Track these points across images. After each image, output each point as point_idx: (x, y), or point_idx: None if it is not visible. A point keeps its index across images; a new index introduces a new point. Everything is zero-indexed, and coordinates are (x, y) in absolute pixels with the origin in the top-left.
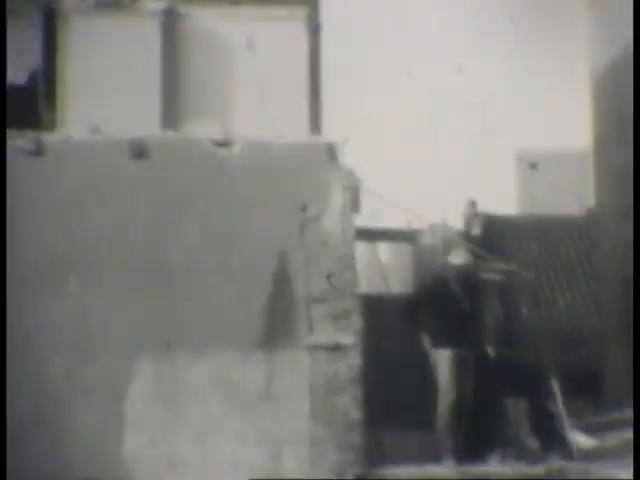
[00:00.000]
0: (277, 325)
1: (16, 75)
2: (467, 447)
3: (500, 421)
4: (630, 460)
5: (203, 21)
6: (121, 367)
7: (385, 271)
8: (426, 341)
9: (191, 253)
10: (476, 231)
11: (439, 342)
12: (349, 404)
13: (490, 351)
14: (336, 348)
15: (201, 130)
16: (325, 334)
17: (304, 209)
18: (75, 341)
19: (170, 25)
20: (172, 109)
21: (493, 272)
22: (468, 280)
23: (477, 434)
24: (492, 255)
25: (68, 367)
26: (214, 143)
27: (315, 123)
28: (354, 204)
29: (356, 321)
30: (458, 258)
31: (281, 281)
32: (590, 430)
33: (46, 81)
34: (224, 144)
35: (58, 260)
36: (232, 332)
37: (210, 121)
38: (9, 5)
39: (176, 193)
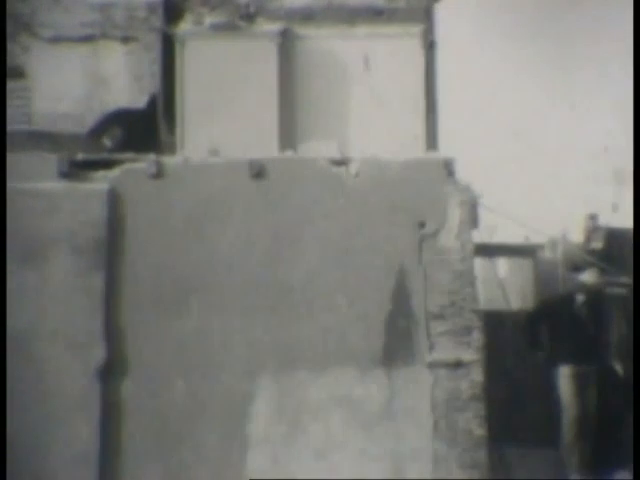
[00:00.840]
0: (397, 342)
1: (136, 99)
2: (593, 463)
3: (627, 437)
4: None
5: (319, 41)
6: (243, 386)
7: (504, 287)
8: (547, 357)
9: (310, 272)
10: (597, 245)
11: (560, 358)
12: (472, 421)
13: (617, 367)
14: (457, 365)
15: (318, 149)
16: (446, 351)
17: (422, 226)
18: (197, 362)
19: (286, 46)
20: (289, 129)
21: (617, 286)
22: (593, 295)
23: (604, 450)
24: (615, 269)
25: (190, 387)
26: (331, 162)
27: (431, 139)
28: (472, 220)
29: (477, 337)
30: (588, 276)
31: (400, 298)
32: None
33: (165, 104)
34: (341, 163)
35: (180, 281)
36: (352, 350)
37: (327, 140)
38: (128, 32)
39: (294, 212)
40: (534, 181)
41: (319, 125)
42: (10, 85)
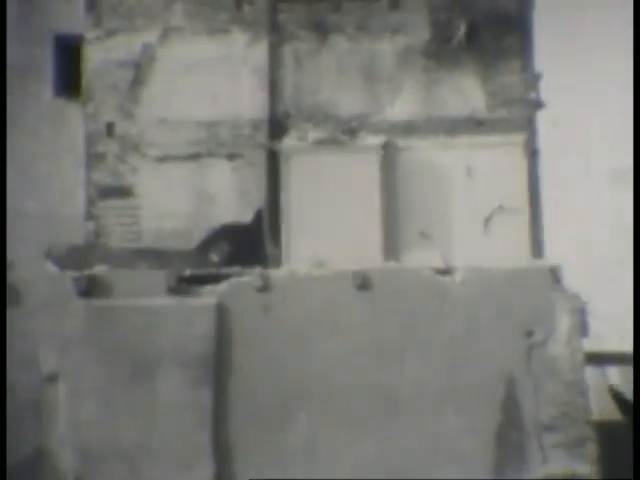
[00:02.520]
0: (507, 455)
1: (242, 214)
2: None
3: None
4: None
5: (420, 152)
6: None
7: (617, 396)
8: None
9: (416, 381)
10: None
11: None
12: None
13: None
14: (572, 478)
15: (422, 258)
16: (559, 464)
17: (530, 334)
18: (305, 475)
19: (388, 157)
20: (392, 239)
21: None
22: None
23: None
24: None
25: None
26: (436, 272)
27: (536, 246)
28: (581, 327)
29: (592, 449)
30: None
31: (510, 408)
32: None
33: (270, 218)
34: (445, 272)
35: (286, 394)
36: (461, 462)
37: (431, 249)
38: (234, 149)
39: (399, 322)
40: None
41: (423, 234)
42: (120, 204)
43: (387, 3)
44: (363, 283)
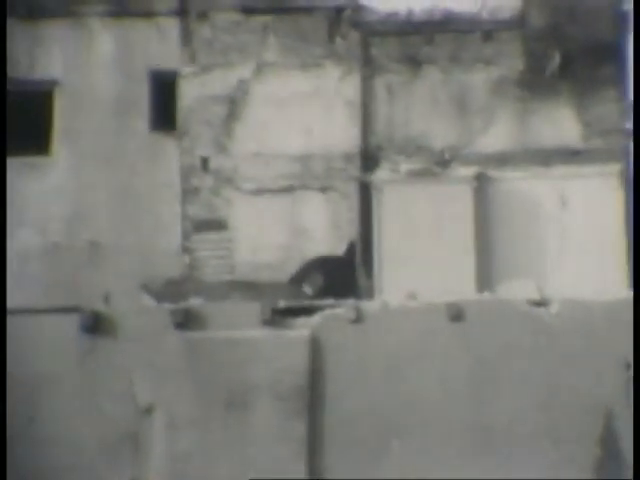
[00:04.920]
0: None
1: (335, 247)
2: None
3: None
4: None
5: (514, 183)
6: None
7: None
8: None
9: (512, 414)
10: None
11: None
12: None
13: None
14: None
15: (516, 290)
16: None
17: (628, 367)
18: None
19: (481, 189)
20: (486, 270)
21: None
22: None
23: None
24: None
25: None
26: (531, 303)
27: (634, 277)
28: None
29: None
30: None
31: (608, 442)
32: None
33: (363, 250)
34: (541, 304)
35: (380, 425)
36: None
37: (525, 280)
38: (326, 182)
39: (494, 354)
40: None
41: (516, 265)
42: (214, 237)
43: (480, 35)
44: (457, 315)
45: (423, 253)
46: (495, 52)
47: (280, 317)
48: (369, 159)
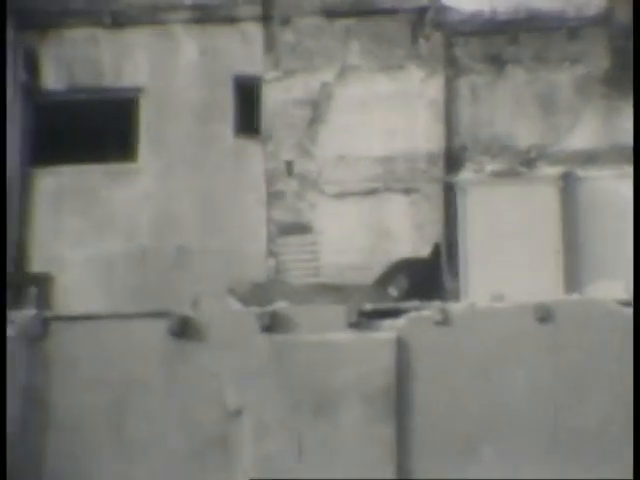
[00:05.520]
0: None
1: (419, 248)
2: None
3: None
4: None
5: (601, 182)
6: None
7: None
8: None
9: (602, 417)
10: None
11: None
12: None
13: None
14: None
15: (605, 290)
16: None
17: None
18: None
19: (568, 188)
20: (574, 270)
21: None
22: None
23: None
24: None
25: None
26: (620, 303)
27: None
28: None
29: None
30: None
31: None
32: None
33: (447, 252)
34: (631, 304)
35: (468, 428)
36: None
37: (614, 280)
38: (410, 183)
39: (583, 355)
40: None
41: (604, 265)
42: (299, 240)
43: (565, 33)
44: (545, 316)
45: (509, 254)
46: (581, 50)
47: (366, 320)
48: (453, 160)
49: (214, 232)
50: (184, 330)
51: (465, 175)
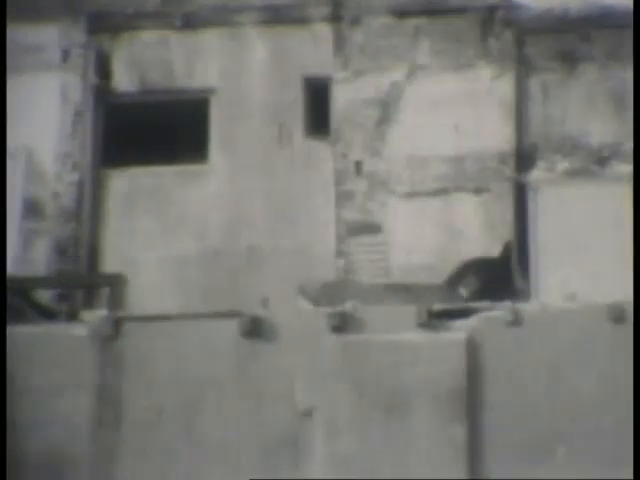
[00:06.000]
0: None
1: (489, 248)
2: None
3: None
4: None
5: None
6: None
7: None
8: None
9: None
10: None
11: None
12: None
13: None
14: None
15: None
16: None
17: None
18: None
19: None
20: None
21: None
22: None
23: None
24: None
25: None
26: None
27: None
28: None
29: None
30: None
31: None
32: None
33: (518, 251)
34: None
35: (541, 429)
36: None
37: None
38: (480, 183)
39: None
40: None
41: None
42: (369, 240)
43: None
44: (619, 316)
45: (581, 253)
46: None
47: (436, 320)
48: (524, 159)
49: (284, 232)
50: (255, 330)
51: (536, 174)
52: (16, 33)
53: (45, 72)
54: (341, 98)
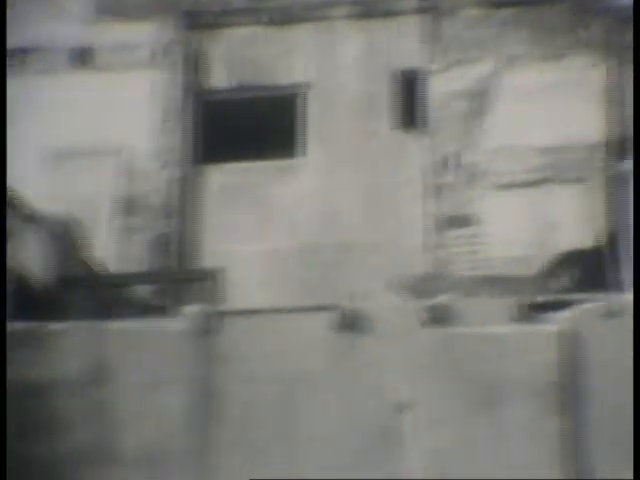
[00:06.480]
0: None
1: (584, 240)
2: None
3: None
4: None
5: None
6: None
7: None
8: None
9: None
10: None
11: None
12: None
13: None
14: None
15: None
16: None
17: None
18: None
19: None
20: None
21: None
22: None
23: None
24: None
25: None
26: None
27: None
28: None
29: None
30: None
31: None
32: None
33: (614, 242)
34: None
35: None
36: None
37: None
38: (576, 173)
39: None
40: None
41: None
42: (463, 232)
43: None
44: None
45: None
46: None
47: (531, 312)
48: (618, 149)
49: (376, 226)
50: (348, 324)
51: (630, 165)
52: (113, 32)
53: (141, 70)
54: (435, 90)
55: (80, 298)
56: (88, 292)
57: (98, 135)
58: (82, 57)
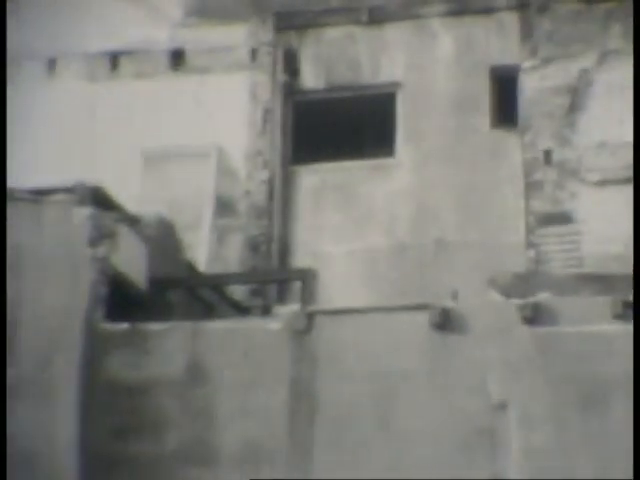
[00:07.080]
0: None
1: None
2: None
3: None
4: None
5: None
6: None
7: None
8: None
9: None
10: None
11: None
12: None
13: None
14: None
15: None
16: None
17: None
18: None
19: None
20: None
21: None
22: None
23: None
24: None
25: None
26: None
27: None
28: None
29: None
30: None
31: None
32: None
33: None
34: None
35: None
36: None
37: None
38: None
39: None
40: None
41: None
42: (559, 230)
43: None
44: None
45: None
46: None
47: (632, 311)
48: None
49: (472, 224)
50: (446, 322)
51: None
52: (206, 34)
53: (234, 71)
54: (529, 87)
55: (177, 299)
56: (185, 293)
57: (193, 137)
58: (176, 59)
